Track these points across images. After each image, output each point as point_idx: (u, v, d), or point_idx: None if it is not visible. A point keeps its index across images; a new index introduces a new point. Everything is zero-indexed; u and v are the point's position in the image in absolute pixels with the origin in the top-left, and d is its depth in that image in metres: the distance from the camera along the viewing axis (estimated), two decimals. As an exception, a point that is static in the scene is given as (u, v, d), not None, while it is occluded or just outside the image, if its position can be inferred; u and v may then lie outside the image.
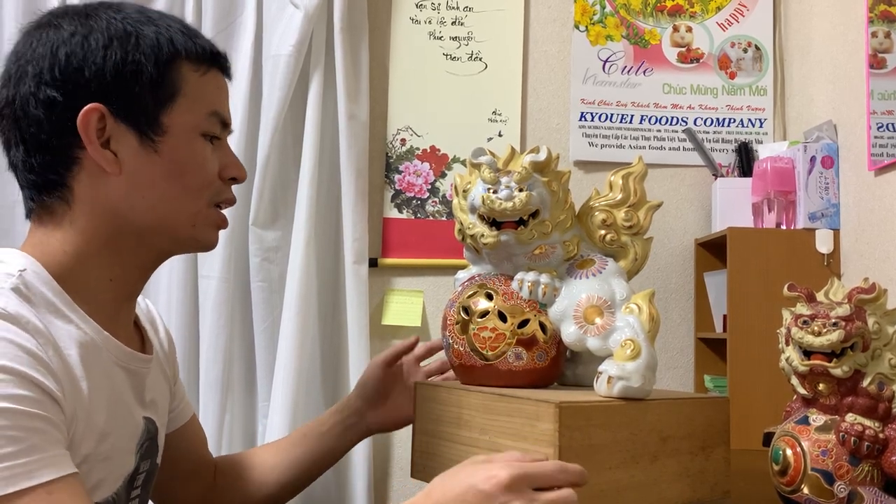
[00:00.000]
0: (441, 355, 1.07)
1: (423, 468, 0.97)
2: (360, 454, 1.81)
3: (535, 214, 0.90)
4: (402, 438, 1.96)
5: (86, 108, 0.74)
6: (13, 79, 0.77)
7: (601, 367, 0.85)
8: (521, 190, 0.88)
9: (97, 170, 0.76)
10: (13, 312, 0.67)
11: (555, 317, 0.89)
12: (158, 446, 0.88)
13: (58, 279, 0.74)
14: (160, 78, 0.78)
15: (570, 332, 0.87)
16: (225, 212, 0.87)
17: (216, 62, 0.84)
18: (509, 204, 0.88)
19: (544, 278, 0.89)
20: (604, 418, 0.81)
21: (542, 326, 0.90)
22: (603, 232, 0.93)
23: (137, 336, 0.87)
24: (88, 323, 0.75)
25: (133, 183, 0.77)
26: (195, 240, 0.83)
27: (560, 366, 0.94)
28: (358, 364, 1.83)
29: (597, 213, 0.94)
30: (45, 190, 0.77)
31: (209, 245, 0.85)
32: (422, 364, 1.16)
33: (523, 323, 0.90)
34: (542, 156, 0.90)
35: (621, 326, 0.84)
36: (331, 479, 1.85)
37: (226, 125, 0.85)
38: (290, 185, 1.88)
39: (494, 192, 0.89)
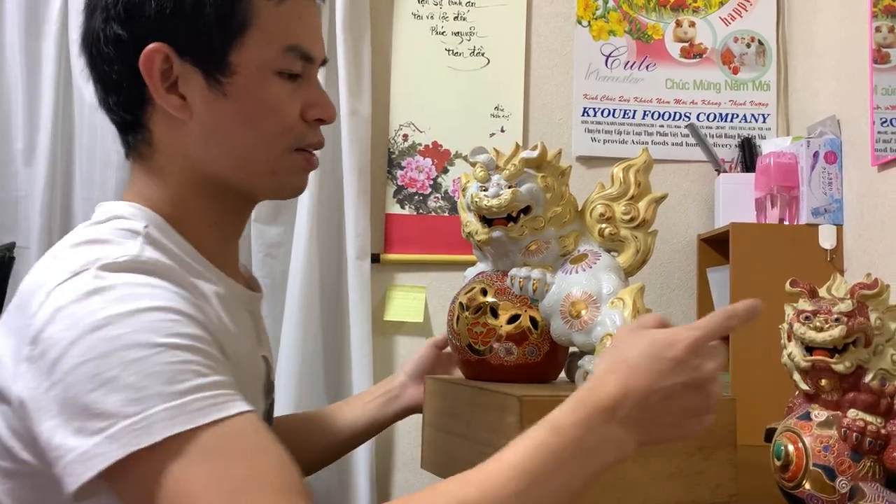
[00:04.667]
0: None
1: (429, 459, 0.99)
2: (362, 447, 1.81)
3: (527, 210, 0.90)
4: (406, 431, 1.96)
5: (147, 48, 0.69)
6: (87, 10, 0.73)
7: (580, 362, 0.84)
8: (509, 187, 0.88)
9: (170, 114, 0.72)
10: (166, 264, 0.65)
11: (545, 312, 0.88)
12: (273, 383, 0.87)
13: (173, 226, 0.72)
14: (227, 9, 0.70)
15: (556, 328, 0.87)
16: None
17: None
18: (495, 201, 0.88)
19: (535, 273, 0.89)
20: None
21: (534, 322, 0.90)
22: (602, 226, 0.92)
23: (242, 274, 0.85)
24: (213, 271, 0.73)
25: (205, 130, 0.72)
26: (279, 187, 0.78)
27: (558, 361, 0.94)
28: (360, 360, 1.83)
29: (596, 207, 0.93)
30: (128, 131, 0.74)
31: (296, 191, 0.80)
32: None
33: (514, 318, 0.90)
34: (533, 153, 0.90)
35: (604, 321, 0.83)
36: (333, 473, 1.86)
37: (310, 60, 0.76)
38: (293, 180, 1.89)
39: (484, 189, 0.90)
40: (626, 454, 0.64)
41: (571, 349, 0.94)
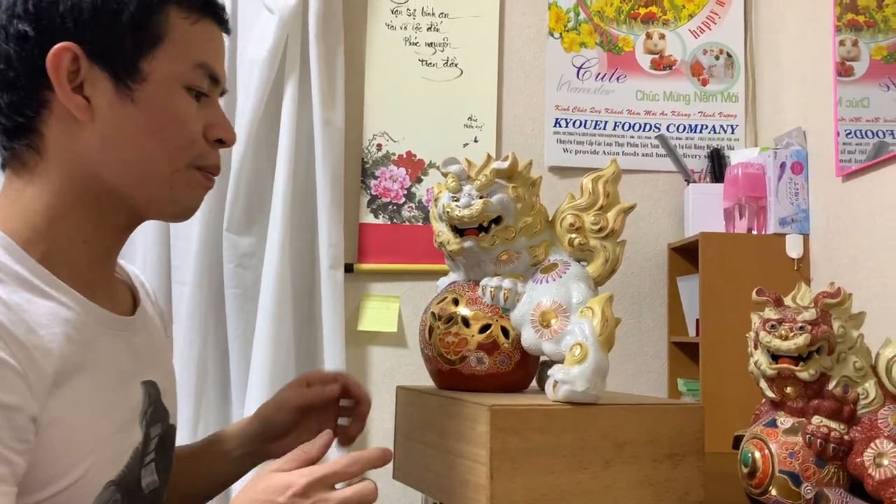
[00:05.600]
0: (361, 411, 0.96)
1: (402, 470, 0.99)
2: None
3: (498, 221, 0.91)
4: (378, 441, 1.95)
5: (56, 47, 0.68)
6: None
7: (549, 372, 0.85)
8: (480, 197, 0.89)
9: (69, 116, 0.70)
10: None
11: (515, 321, 0.89)
12: (167, 407, 0.83)
13: (29, 244, 0.69)
14: (143, 19, 0.71)
15: (527, 337, 0.87)
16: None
17: (211, 12, 0.77)
18: (466, 211, 0.89)
19: (506, 283, 0.90)
20: (544, 422, 0.80)
21: (505, 331, 0.90)
22: (571, 236, 0.93)
23: (127, 295, 0.82)
24: (69, 294, 0.70)
25: (106, 134, 0.71)
26: (172, 202, 0.76)
27: (529, 371, 0.94)
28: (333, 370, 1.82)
29: (566, 217, 0.94)
30: (15, 135, 0.71)
31: (189, 208, 0.78)
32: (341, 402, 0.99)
33: (485, 328, 0.90)
34: (504, 163, 0.91)
35: (573, 330, 0.84)
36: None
37: (216, 81, 0.77)
38: (265, 190, 1.88)
39: (456, 200, 0.90)
40: None
41: (542, 358, 0.94)
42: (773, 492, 0.86)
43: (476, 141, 2.03)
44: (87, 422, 0.68)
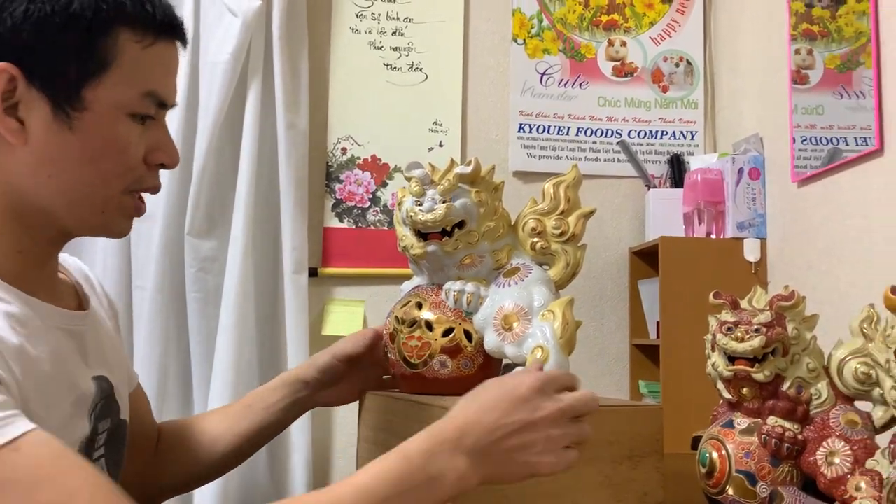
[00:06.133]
0: None
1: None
2: (298, 462, 1.80)
3: (461, 225, 0.91)
4: (342, 448, 1.95)
5: None
6: None
7: (513, 373, 0.86)
8: (444, 202, 0.90)
9: (1, 136, 0.68)
10: None
11: (478, 325, 0.90)
12: (118, 402, 0.82)
13: None
14: (90, 43, 0.68)
15: (489, 340, 0.88)
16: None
17: (167, 33, 0.73)
18: (430, 216, 0.90)
19: (469, 287, 0.91)
20: None
21: (468, 335, 0.91)
22: (533, 240, 0.94)
23: (71, 293, 0.81)
24: (11, 292, 0.68)
25: (39, 159, 0.68)
26: (104, 228, 0.75)
27: (492, 374, 0.95)
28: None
29: (528, 222, 0.95)
30: None
31: (119, 234, 0.77)
32: None
33: (448, 332, 0.91)
34: (467, 168, 0.91)
35: (534, 333, 0.85)
36: (269, 489, 1.83)
37: (164, 105, 0.74)
38: (227, 194, 1.86)
39: (420, 204, 0.91)
40: (469, 486, 0.68)
41: (505, 361, 0.95)
42: (730, 491, 0.87)
43: (441, 145, 2.03)
44: (43, 407, 0.67)
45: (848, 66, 1.51)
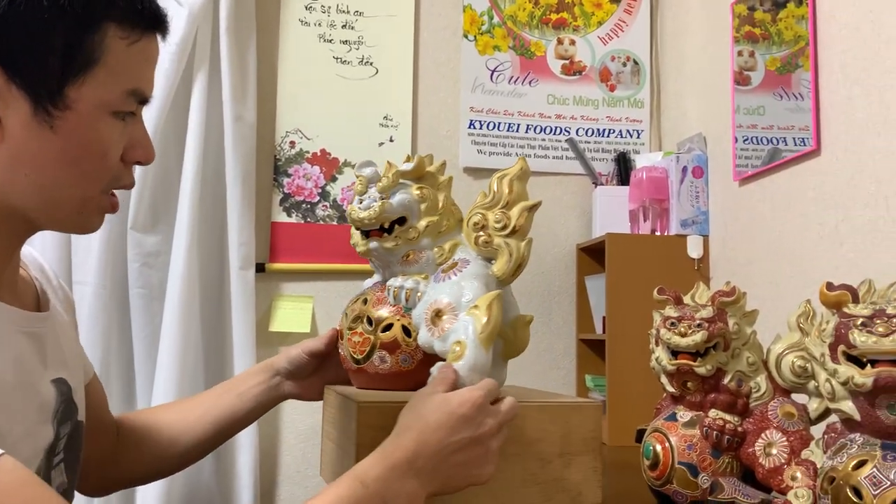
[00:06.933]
0: None
1: (325, 469, 1.00)
2: (245, 463, 1.77)
3: (402, 221, 0.91)
4: (290, 445, 1.93)
5: None
6: None
7: (430, 370, 0.85)
8: (382, 199, 0.90)
9: None
10: None
11: (415, 321, 0.89)
12: (76, 404, 0.80)
13: None
14: (76, 41, 0.65)
15: (421, 336, 0.87)
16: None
17: (154, 28, 0.71)
18: (364, 213, 0.90)
19: (408, 283, 0.90)
20: None
21: (406, 331, 0.91)
22: (477, 234, 0.92)
23: (31, 291, 0.79)
24: None
25: (16, 157, 0.66)
26: (77, 226, 0.74)
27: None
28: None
29: (473, 216, 0.94)
30: None
31: (91, 231, 0.76)
32: None
33: (387, 328, 0.91)
34: (408, 165, 0.92)
35: (457, 328, 0.83)
36: (215, 489, 1.80)
37: (144, 101, 0.73)
38: (172, 187, 1.82)
39: (361, 202, 0.91)
40: (419, 503, 0.72)
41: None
42: (674, 482, 0.89)
43: (392, 140, 2.03)
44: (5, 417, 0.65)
45: (788, 68, 1.56)
